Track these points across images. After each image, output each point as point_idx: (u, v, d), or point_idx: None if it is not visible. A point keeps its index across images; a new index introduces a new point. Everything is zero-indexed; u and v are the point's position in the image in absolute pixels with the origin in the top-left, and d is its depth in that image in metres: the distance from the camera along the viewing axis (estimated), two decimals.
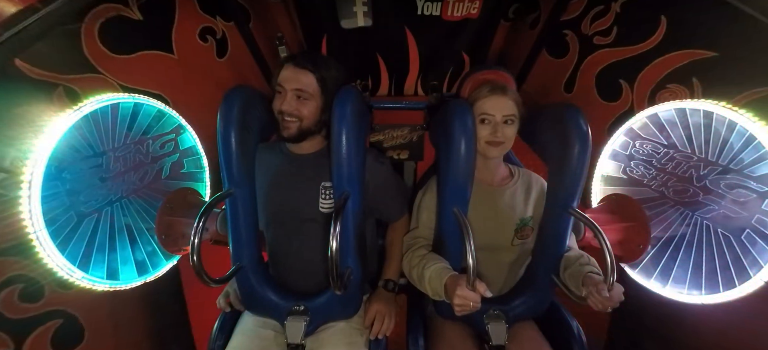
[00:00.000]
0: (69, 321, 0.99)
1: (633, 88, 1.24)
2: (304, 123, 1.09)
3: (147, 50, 1.17)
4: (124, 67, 1.10)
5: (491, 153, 1.12)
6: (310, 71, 1.07)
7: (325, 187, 1.12)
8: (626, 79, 1.26)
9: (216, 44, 1.43)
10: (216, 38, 1.43)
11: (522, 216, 1.16)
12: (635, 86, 1.23)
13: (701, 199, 1.07)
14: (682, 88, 1.09)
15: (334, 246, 0.90)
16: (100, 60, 1.02)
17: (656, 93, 1.16)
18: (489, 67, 1.56)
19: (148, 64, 1.18)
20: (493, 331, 1.12)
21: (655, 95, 1.17)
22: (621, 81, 1.28)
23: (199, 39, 1.36)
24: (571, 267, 1.08)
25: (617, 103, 1.30)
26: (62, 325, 0.96)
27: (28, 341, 0.90)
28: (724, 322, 1.03)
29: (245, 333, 1.15)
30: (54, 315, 0.95)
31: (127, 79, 1.10)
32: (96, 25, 0.99)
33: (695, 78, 1.05)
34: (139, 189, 1.20)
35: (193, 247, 0.92)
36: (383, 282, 1.25)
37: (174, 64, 1.26)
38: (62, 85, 0.93)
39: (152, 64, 1.20)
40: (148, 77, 1.18)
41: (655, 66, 1.16)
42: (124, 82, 1.09)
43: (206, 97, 1.38)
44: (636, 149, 1.26)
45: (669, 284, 1.13)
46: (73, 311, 0.99)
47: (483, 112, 1.10)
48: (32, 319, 0.91)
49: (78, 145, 0.99)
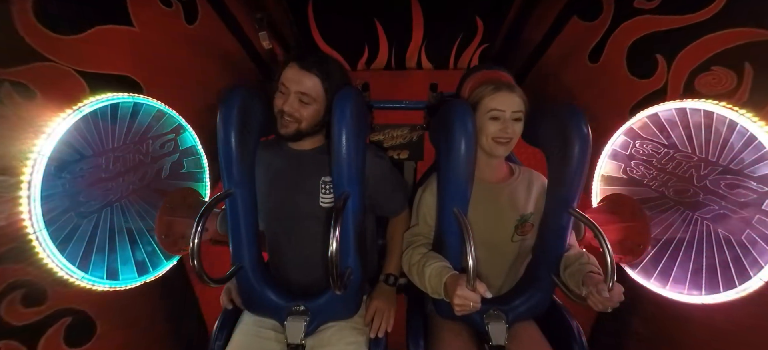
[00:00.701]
0: (78, 317, 0.97)
1: (670, 66, 1.09)
2: (302, 125, 1.09)
3: (99, 25, 0.99)
4: (76, 49, 0.93)
5: (498, 151, 1.11)
6: (315, 75, 1.06)
7: (325, 182, 1.12)
8: (665, 53, 1.10)
9: (183, 9, 1.21)
10: (181, 1, 1.21)
11: (523, 212, 1.16)
12: (674, 64, 1.08)
13: (701, 199, 1.07)
14: (730, 73, 0.93)
15: (334, 246, 0.90)
16: (43, 44, 0.86)
17: (697, 75, 1.02)
18: (489, 67, 1.55)
19: (105, 43, 1.01)
20: (493, 331, 1.12)
21: (695, 78, 1.02)
22: (657, 56, 1.12)
23: (161, 3, 1.16)
24: (571, 266, 1.08)
25: (649, 81, 1.15)
26: (72, 322, 0.95)
27: (41, 343, 0.89)
28: (724, 322, 1.03)
29: (245, 333, 1.15)
30: (62, 313, 0.94)
31: (83, 63, 0.95)
32: (27, 1, 0.84)
33: (748, 63, 0.90)
34: (139, 189, 1.20)
35: (193, 248, 0.92)
36: (384, 277, 1.25)
37: (136, 38, 1.09)
38: (7, 80, 0.80)
39: (110, 42, 1.02)
40: (108, 58, 1.02)
41: (703, 42, 1.00)
42: (82, 67, 0.94)
43: (182, 71, 1.21)
44: (636, 149, 1.25)
45: (669, 284, 1.13)
46: (81, 307, 0.97)
47: (492, 108, 1.09)
48: (41, 322, 0.90)
49: (78, 145, 0.99)
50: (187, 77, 1.19)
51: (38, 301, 0.90)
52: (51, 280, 0.92)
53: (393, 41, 1.55)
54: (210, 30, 1.33)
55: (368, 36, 1.53)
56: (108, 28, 1.01)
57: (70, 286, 0.96)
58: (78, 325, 0.96)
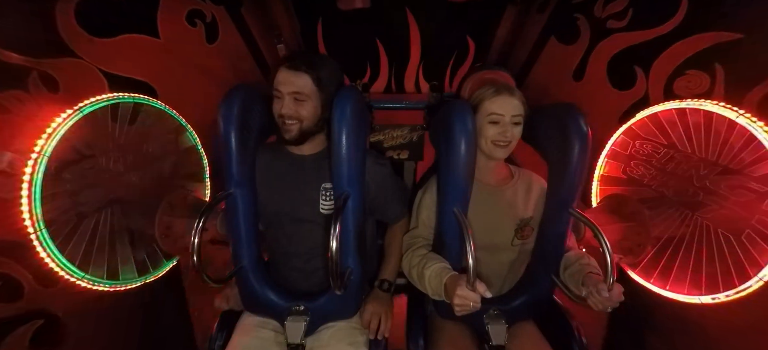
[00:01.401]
0: (51, 321, 0.95)
1: (648, 75, 1.18)
2: (304, 124, 1.09)
3: (129, 33, 1.08)
4: (105, 51, 1.00)
5: (498, 153, 1.11)
6: (304, 72, 1.06)
7: (325, 189, 1.12)
8: (641, 65, 1.19)
9: (205, 29, 1.33)
10: (205, 22, 1.32)
11: (522, 216, 1.16)
12: (651, 72, 1.17)
13: (701, 199, 1.07)
14: (703, 74, 1.00)
15: (334, 246, 0.90)
16: (77, 42, 0.93)
17: (674, 80, 1.10)
18: (490, 68, 1.56)
19: (132, 49, 1.09)
20: (493, 331, 1.12)
21: (673, 82, 1.10)
22: (635, 67, 1.21)
23: (186, 22, 1.26)
24: (570, 267, 1.08)
25: (631, 91, 1.23)
26: (43, 326, 0.93)
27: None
28: (724, 322, 1.03)
29: (245, 333, 1.15)
30: (35, 315, 0.92)
31: (108, 64, 1.02)
32: (72, 3, 0.91)
33: (717, 63, 0.97)
34: (139, 189, 1.20)
35: (193, 248, 0.92)
36: (378, 283, 1.25)
37: (159, 49, 1.18)
38: (36, 70, 0.86)
39: (136, 49, 1.11)
40: (131, 63, 1.10)
41: (673, 50, 1.09)
42: (106, 67, 1.01)
43: (195, 85, 1.30)
44: (636, 149, 1.25)
45: (669, 284, 1.13)
46: (55, 311, 0.96)
47: (492, 111, 1.09)
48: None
49: (78, 145, 0.99)
50: (202, 91, 1.27)
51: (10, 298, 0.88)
52: (30, 278, 0.91)
53: (393, 61, 1.64)
54: (229, 49, 1.43)
55: (370, 55, 1.61)
56: (136, 37, 1.10)
57: (53, 284, 0.95)
58: (48, 329, 0.94)
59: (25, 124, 0.87)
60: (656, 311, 1.21)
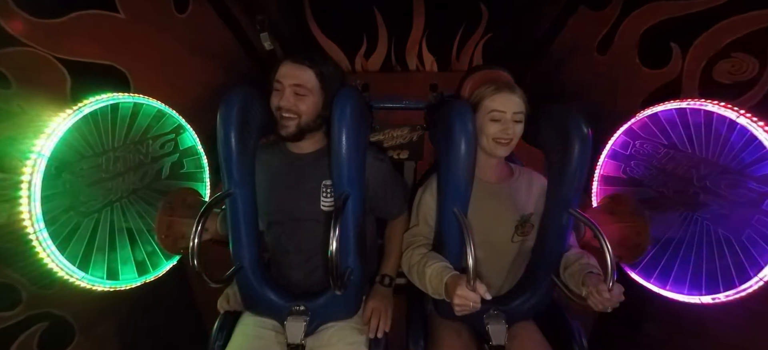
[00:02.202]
0: (57, 322, 0.94)
1: (685, 54, 1.04)
2: (302, 119, 1.08)
3: (82, 10, 0.93)
4: (57, 34, 0.87)
5: (499, 151, 1.11)
6: (308, 67, 1.07)
7: (326, 185, 1.12)
8: (679, 41, 1.05)
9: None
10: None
11: (523, 212, 1.16)
12: (690, 52, 1.03)
13: (701, 199, 1.07)
14: (751, 59, 0.88)
15: (334, 246, 0.90)
16: (21, 28, 0.80)
17: (715, 62, 0.97)
18: (489, 67, 1.55)
19: (88, 28, 0.94)
20: (493, 331, 1.12)
21: (714, 66, 0.97)
22: (672, 44, 1.07)
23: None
24: (571, 266, 1.08)
25: (662, 71, 1.09)
26: (49, 328, 0.92)
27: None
28: (724, 322, 1.03)
29: (245, 333, 1.15)
30: (38, 318, 0.91)
31: (64, 50, 0.89)
32: None
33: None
34: (139, 189, 1.20)
35: (193, 248, 0.92)
36: (380, 278, 1.25)
37: (122, 26, 1.02)
38: None
39: (93, 27, 0.95)
40: (91, 46, 0.96)
41: (721, 28, 0.95)
42: (62, 54, 0.88)
43: (171, 63, 1.15)
44: (636, 149, 1.25)
45: (669, 284, 1.13)
46: (60, 312, 0.95)
47: (493, 109, 1.09)
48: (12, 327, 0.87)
49: (78, 145, 0.99)
50: (178, 70, 1.13)
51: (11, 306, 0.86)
52: (27, 283, 0.88)
53: (393, 32, 1.47)
54: (203, 21, 1.26)
55: (367, 27, 1.44)
56: (92, 14, 0.94)
57: (50, 287, 0.93)
58: (55, 331, 0.92)
59: None
60: (656, 311, 1.21)
